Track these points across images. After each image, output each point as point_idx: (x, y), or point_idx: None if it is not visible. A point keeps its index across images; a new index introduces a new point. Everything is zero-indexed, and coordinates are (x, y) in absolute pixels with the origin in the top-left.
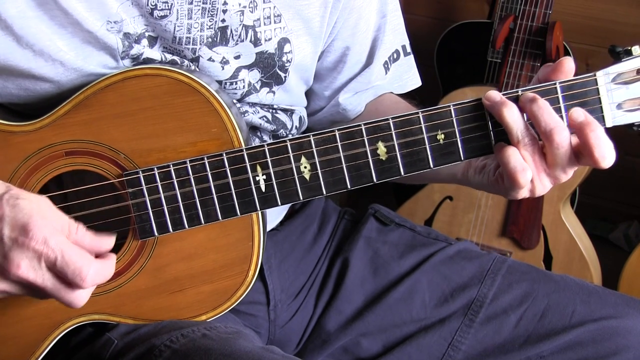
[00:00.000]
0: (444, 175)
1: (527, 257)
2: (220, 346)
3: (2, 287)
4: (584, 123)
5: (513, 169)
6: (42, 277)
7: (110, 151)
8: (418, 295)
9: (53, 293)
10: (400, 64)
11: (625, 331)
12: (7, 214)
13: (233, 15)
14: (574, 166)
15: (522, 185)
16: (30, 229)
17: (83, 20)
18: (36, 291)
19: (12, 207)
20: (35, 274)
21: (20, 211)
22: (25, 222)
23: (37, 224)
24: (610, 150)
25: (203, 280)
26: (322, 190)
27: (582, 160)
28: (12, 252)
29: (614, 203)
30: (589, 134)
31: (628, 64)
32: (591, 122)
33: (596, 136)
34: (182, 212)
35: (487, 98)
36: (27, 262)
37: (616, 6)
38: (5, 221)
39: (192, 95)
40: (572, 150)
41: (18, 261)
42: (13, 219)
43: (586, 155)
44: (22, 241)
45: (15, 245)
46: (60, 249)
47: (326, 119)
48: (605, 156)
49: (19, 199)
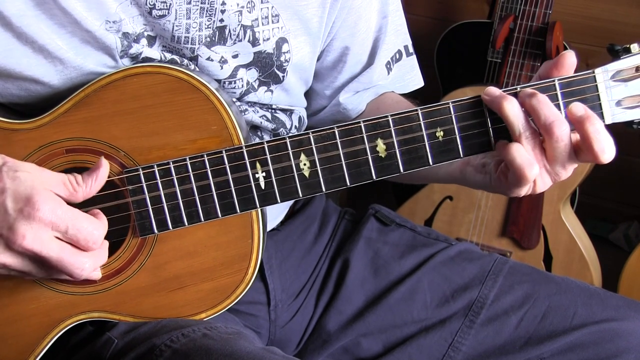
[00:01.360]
0: (442, 174)
1: (527, 257)
2: (221, 346)
3: (5, 260)
4: (584, 117)
5: (520, 165)
6: (47, 248)
7: (110, 149)
8: (419, 296)
9: (57, 264)
10: (402, 64)
11: (626, 333)
12: (8, 186)
13: (231, 15)
14: (574, 162)
15: (529, 181)
16: (36, 200)
17: (82, 20)
18: (39, 263)
19: (13, 179)
20: (41, 244)
21: (22, 183)
22: (30, 194)
23: (42, 195)
24: (610, 144)
25: (203, 278)
26: (321, 188)
27: (582, 156)
28: (17, 223)
29: (614, 203)
30: (588, 127)
31: (627, 62)
32: (590, 115)
33: (595, 129)
34: (181, 210)
35: (487, 93)
36: (32, 233)
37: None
38: (8, 193)
39: (192, 93)
40: (572, 146)
41: (23, 232)
42: (15, 191)
43: (586, 150)
44: (29, 212)
45: (21, 216)
46: (70, 217)
47: (328, 118)
48: (604, 150)
49: (17, 170)
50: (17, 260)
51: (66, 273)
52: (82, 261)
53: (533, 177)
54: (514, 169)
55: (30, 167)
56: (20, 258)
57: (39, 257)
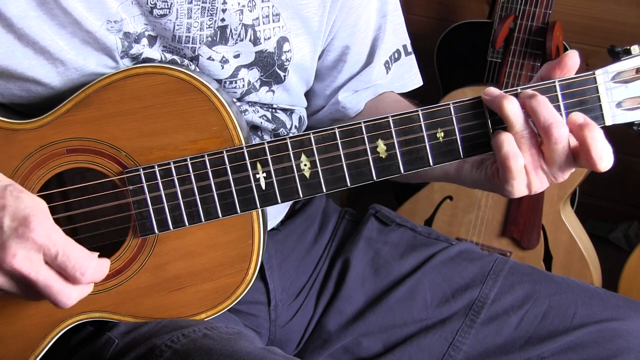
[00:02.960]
0: (437, 172)
1: (527, 257)
2: (221, 346)
3: None
4: (583, 124)
5: (505, 154)
6: (36, 271)
7: (111, 149)
8: (419, 296)
9: (43, 289)
10: (401, 64)
11: (626, 333)
12: (9, 204)
13: (232, 14)
14: (571, 167)
15: (514, 174)
16: (32, 220)
17: (83, 20)
18: (25, 286)
19: (15, 198)
20: (30, 266)
21: (22, 203)
22: (27, 214)
23: (39, 217)
24: (607, 152)
25: (203, 279)
26: (322, 188)
27: (580, 162)
28: (10, 241)
29: (614, 203)
30: (587, 135)
31: (627, 63)
32: (590, 123)
33: (593, 137)
34: (182, 210)
35: (487, 93)
36: (24, 253)
37: (616, 6)
38: (7, 210)
39: (193, 93)
40: (570, 150)
41: (14, 251)
42: (15, 209)
43: (584, 156)
44: (23, 232)
45: (15, 235)
46: (62, 243)
47: (326, 117)
48: (602, 158)
49: (22, 192)
50: (4, 280)
51: (51, 301)
52: (70, 290)
53: (518, 170)
54: (500, 157)
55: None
56: (8, 278)
57: (26, 280)
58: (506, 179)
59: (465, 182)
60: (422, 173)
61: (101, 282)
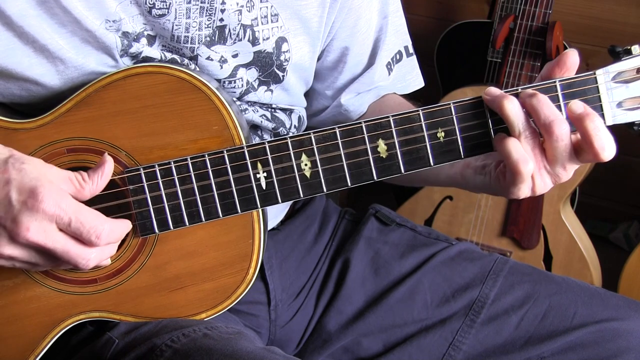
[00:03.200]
0: (443, 177)
1: (527, 257)
2: (221, 346)
3: (10, 252)
4: (583, 114)
5: (515, 161)
6: (52, 239)
7: (111, 148)
8: (419, 296)
9: (62, 255)
10: (403, 65)
11: (626, 333)
12: (13, 177)
13: (231, 14)
14: (574, 163)
15: (524, 177)
16: (40, 192)
17: (82, 19)
18: (45, 255)
19: (19, 171)
20: (46, 237)
21: (27, 175)
22: (34, 186)
23: (45, 187)
24: (610, 141)
25: (203, 278)
26: (322, 188)
27: (582, 156)
28: (21, 215)
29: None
30: (588, 125)
31: (628, 63)
32: (590, 113)
33: (595, 126)
34: (182, 209)
35: (487, 93)
36: (36, 225)
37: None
38: (13, 184)
39: (194, 93)
40: (572, 146)
41: (27, 224)
42: (20, 182)
43: (586, 148)
44: (32, 204)
45: (25, 208)
46: (73, 209)
47: (329, 119)
48: (605, 147)
49: (24, 163)
50: (23, 252)
51: (72, 264)
52: (88, 252)
53: (528, 174)
54: (509, 164)
55: (37, 162)
56: (26, 250)
57: (44, 249)
58: (515, 183)
59: (470, 187)
60: (427, 177)
61: (101, 281)
